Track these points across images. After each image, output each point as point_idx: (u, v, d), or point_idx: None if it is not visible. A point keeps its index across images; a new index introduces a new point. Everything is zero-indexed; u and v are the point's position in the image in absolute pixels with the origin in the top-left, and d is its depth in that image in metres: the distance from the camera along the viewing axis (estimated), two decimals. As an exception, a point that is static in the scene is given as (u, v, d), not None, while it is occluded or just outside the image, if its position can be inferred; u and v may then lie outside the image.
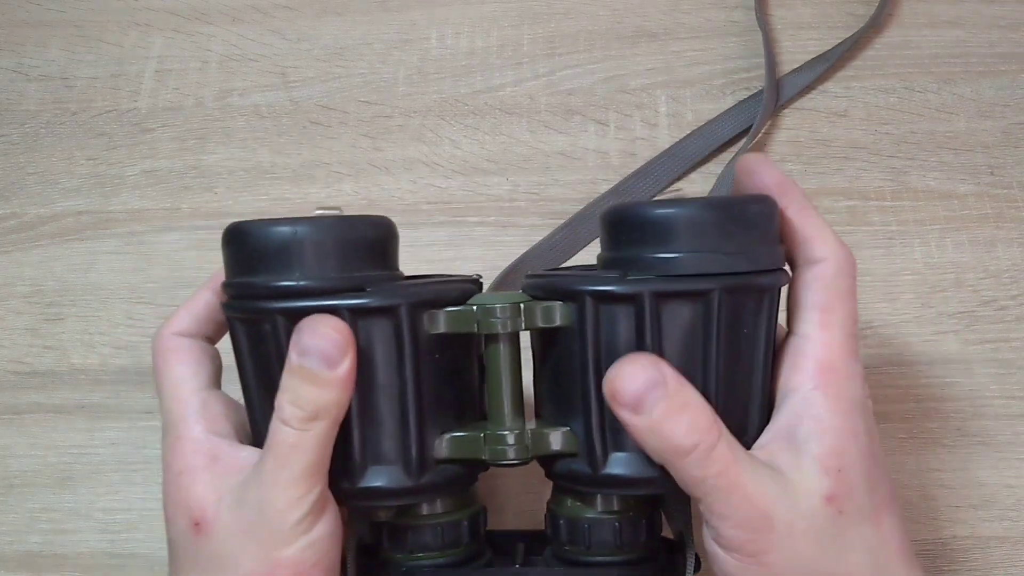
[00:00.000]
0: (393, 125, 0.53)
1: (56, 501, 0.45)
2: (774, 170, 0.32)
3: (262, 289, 0.31)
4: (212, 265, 0.49)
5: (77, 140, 0.54)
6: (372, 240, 0.32)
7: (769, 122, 0.51)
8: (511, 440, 0.32)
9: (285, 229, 0.31)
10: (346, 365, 0.30)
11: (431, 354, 0.32)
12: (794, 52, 0.54)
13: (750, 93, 0.52)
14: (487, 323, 0.32)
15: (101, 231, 0.51)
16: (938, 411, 0.45)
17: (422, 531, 0.34)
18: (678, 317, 0.30)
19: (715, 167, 0.51)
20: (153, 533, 0.44)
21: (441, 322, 0.32)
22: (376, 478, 0.32)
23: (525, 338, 0.34)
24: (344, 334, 0.30)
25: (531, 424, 0.34)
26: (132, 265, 0.50)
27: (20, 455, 0.46)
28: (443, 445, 0.33)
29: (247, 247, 0.32)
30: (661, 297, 0.30)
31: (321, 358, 0.30)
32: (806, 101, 0.53)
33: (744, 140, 0.50)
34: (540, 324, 0.32)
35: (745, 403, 0.31)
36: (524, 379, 0.34)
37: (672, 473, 0.30)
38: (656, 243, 0.30)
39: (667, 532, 0.37)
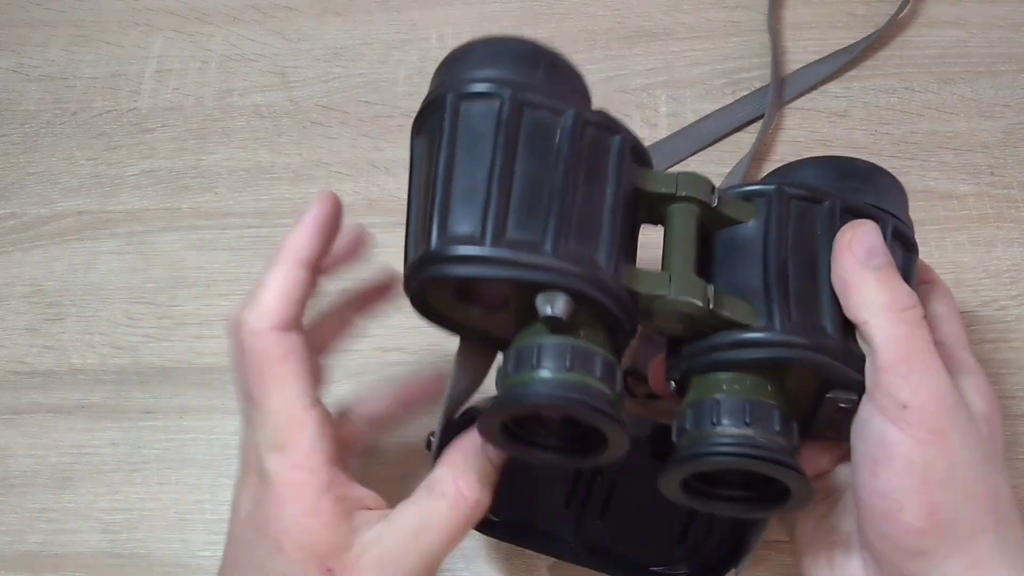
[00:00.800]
0: (393, 125, 0.53)
1: (56, 501, 0.45)
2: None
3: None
4: (212, 265, 0.50)
5: (77, 140, 0.54)
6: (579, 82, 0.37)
7: (778, 114, 0.52)
8: (699, 287, 0.32)
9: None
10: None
11: (634, 200, 0.33)
12: (794, 52, 0.54)
13: (749, 92, 0.52)
14: (688, 186, 0.33)
15: (101, 231, 0.51)
16: (938, 411, 0.45)
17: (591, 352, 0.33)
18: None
19: (728, 155, 0.51)
20: (153, 533, 0.44)
21: (647, 178, 0.34)
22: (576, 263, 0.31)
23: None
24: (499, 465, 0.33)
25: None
26: (132, 265, 0.50)
27: (20, 455, 0.46)
28: (630, 273, 0.32)
29: (490, 48, 0.34)
30: (845, 212, 0.34)
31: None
32: (806, 101, 0.53)
33: (760, 130, 0.51)
34: (728, 212, 0.34)
35: None
36: None
37: (872, 331, 0.30)
38: (851, 184, 0.35)
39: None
